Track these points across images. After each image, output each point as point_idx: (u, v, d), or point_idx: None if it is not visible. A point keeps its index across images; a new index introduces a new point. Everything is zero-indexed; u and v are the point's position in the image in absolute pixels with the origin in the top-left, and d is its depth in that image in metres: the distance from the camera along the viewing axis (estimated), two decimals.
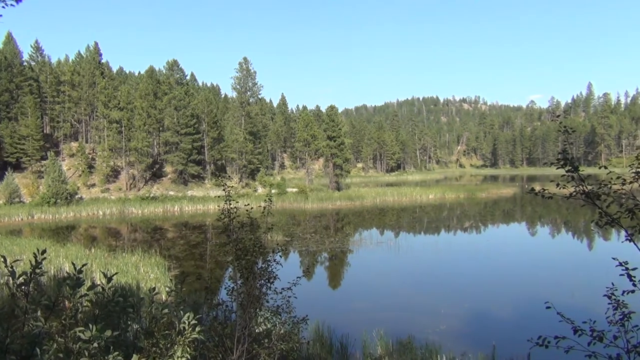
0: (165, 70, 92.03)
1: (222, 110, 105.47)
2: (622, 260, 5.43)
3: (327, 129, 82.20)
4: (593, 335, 5.29)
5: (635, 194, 5.52)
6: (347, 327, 15.78)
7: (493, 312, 19.22)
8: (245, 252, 7.84)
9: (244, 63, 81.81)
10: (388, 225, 48.30)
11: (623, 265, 5.38)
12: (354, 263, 30.17)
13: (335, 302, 21.98)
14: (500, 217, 55.54)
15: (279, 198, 63.79)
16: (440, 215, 56.00)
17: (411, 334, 14.91)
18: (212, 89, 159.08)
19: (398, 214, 57.28)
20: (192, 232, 43.77)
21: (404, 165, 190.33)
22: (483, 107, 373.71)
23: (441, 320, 17.76)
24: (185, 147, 76.05)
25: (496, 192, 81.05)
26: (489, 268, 28.10)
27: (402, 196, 71.01)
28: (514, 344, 13.71)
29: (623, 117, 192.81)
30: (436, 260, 30.70)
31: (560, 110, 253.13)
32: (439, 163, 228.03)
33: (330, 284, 25.92)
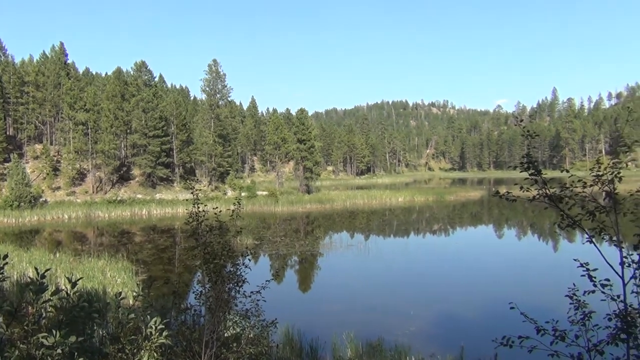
0: (133, 71, 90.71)
1: (191, 113, 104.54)
2: (584, 262, 5.57)
3: (298, 132, 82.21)
4: (555, 334, 5.41)
5: (597, 197, 5.67)
6: (317, 330, 15.77)
7: (461, 313, 19.46)
8: (214, 256, 7.79)
9: (214, 65, 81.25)
10: (358, 228, 48.52)
11: (584, 267, 5.52)
12: (324, 266, 30.20)
13: (306, 305, 21.96)
14: (468, 220, 56.33)
15: (249, 201, 63.45)
16: (409, 218, 56.51)
17: (381, 336, 14.99)
18: (181, 91, 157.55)
19: (368, 216, 57.59)
20: (161, 235, 43.21)
21: (374, 168, 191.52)
22: (451, 111, 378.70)
23: (410, 322, 17.90)
24: (154, 149, 75.07)
25: (464, 195, 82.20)
26: (458, 270, 28.46)
27: (372, 199, 71.41)
28: (482, 345, 13.89)
29: (586, 121, 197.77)
30: (406, 262, 30.96)
31: (526, 114, 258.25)
32: (408, 166, 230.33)
33: (300, 287, 25.89)
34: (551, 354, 5.25)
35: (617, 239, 5.28)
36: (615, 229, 5.31)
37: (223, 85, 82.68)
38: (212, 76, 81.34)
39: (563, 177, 5.84)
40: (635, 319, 5.12)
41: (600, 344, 5.25)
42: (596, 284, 5.39)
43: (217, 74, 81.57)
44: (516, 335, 5.45)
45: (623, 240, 5.36)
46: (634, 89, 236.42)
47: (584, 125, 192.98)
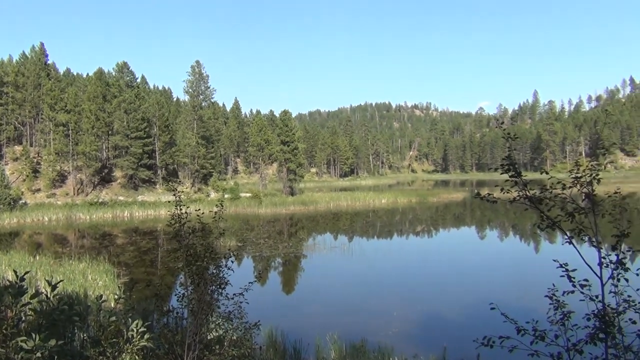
0: (115, 72, 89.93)
1: (174, 114, 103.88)
2: (563, 262, 5.65)
3: (281, 134, 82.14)
4: (535, 334, 5.48)
5: (576, 199, 5.75)
6: (301, 332, 15.76)
7: (444, 314, 19.59)
8: (196, 258, 7.75)
9: (197, 66, 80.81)
10: (342, 229, 48.59)
11: (563, 267, 5.60)
12: (308, 268, 30.19)
13: (289, 307, 21.94)
14: (450, 221, 56.72)
15: (232, 203, 63.21)
16: (392, 220, 56.73)
17: (364, 337, 15.01)
18: (163, 92, 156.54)
19: (351, 218, 57.70)
20: (143, 238, 42.85)
21: (357, 170, 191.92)
22: (434, 113, 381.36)
23: (394, 323, 17.97)
24: (136, 151, 74.41)
25: (447, 196, 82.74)
26: (441, 271, 28.65)
27: (355, 201, 71.55)
28: (464, 345, 13.98)
29: (567, 124, 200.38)
30: (389, 263, 31.06)
31: (507, 117, 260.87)
32: (391, 168, 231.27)
33: (284, 289, 25.85)
34: (531, 353, 5.32)
35: (595, 240, 5.36)
36: (593, 230, 5.40)
37: (206, 86, 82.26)
38: (195, 77, 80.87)
39: (543, 179, 5.91)
40: (613, 319, 5.21)
41: (579, 343, 5.32)
42: (575, 285, 5.47)
43: (200, 75, 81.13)
44: (497, 336, 5.50)
45: (602, 241, 5.45)
46: (613, 92, 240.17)
47: (565, 127, 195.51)
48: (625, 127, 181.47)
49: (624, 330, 5.26)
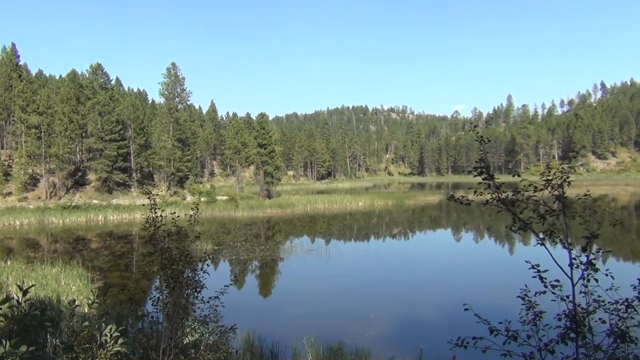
0: (89, 74, 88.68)
1: (149, 117, 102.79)
2: (535, 263, 5.75)
3: (258, 137, 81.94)
4: (508, 335, 5.56)
5: (549, 201, 5.86)
6: (278, 335, 15.72)
7: (421, 316, 19.73)
8: (172, 262, 7.69)
9: (172, 69, 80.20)
10: (319, 232, 48.61)
11: (535, 268, 5.70)
12: (285, 271, 30.14)
13: (266, 310, 21.86)
14: (427, 224, 57.16)
15: (208, 206, 62.74)
16: (369, 222, 56.96)
17: (341, 340, 15.03)
18: (138, 94, 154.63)
19: (329, 221, 57.76)
20: (118, 242, 42.28)
21: (335, 173, 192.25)
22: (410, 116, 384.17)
23: (371, 326, 18.02)
24: (110, 154, 73.46)
25: (423, 199, 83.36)
26: (417, 273, 28.85)
27: (332, 204, 71.65)
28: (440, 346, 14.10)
29: (540, 127, 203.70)
30: (366, 266, 31.17)
31: (482, 120, 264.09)
32: (368, 171, 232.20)
33: (261, 292, 25.75)
34: (504, 353, 5.40)
35: (566, 241, 5.48)
36: (564, 231, 5.51)
37: (182, 89, 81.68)
38: (171, 80, 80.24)
39: (517, 182, 6.02)
40: (583, 319, 5.31)
41: (550, 343, 5.42)
42: (547, 285, 5.57)
43: (175, 77, 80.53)
44: (471, 336, 5.57)
45: (572, 243, 5.56)
46: (585, 96, 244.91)
47: (538, 131, 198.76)
48: (597, 130, 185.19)
49: (594, 329, 5.37)
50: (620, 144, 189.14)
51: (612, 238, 37.49)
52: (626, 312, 5.35)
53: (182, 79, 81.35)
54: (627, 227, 44.87)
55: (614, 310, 5.43)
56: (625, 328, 5.25)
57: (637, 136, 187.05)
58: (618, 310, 5.40)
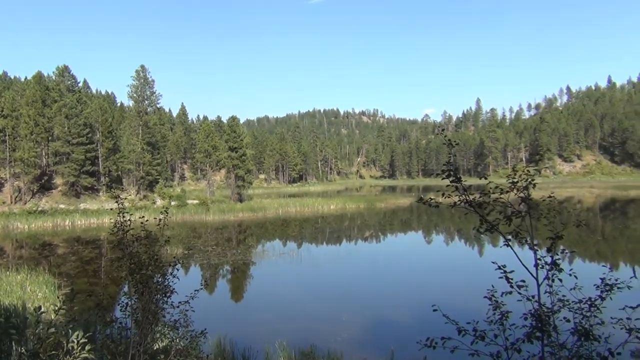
0: (55, 76, 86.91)
1: (118, 120, 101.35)
2: (502, 264, 5.86)
3: (229, 140, 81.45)
4: (476, 334, 5.66)
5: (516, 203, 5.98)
6: (250, 339, 15.65)
7: (392, 318, 19.85)
8: (140, 267, 7.60)
9: (141, 71, 79.16)
10: (290, 236, 48.54)
11: (501, 269, 5.81)
12: (257, 275, 30.01)
13: (238, 314, 21.73)
14: (398, 226, 57.59)
15: (179, 210, 62.10)
16: (341, 226, 57.10)
17: (313, 343, 15.03)
18: (107, 97, 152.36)
19: (300, 224, 57.74)
20: (85, 247, 41.50)
21: (306, 176, 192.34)
22: (381, 120, 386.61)
23: (343, 328, 18.07)
24: (78, 157, 72.10)
25: (394, 202, 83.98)
26: (388, 275, 29.02)
27: (304, 207, 71.65)
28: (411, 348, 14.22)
29: (508, 131, 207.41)
30: (338, 269, 31.25)
31: (452, 124, 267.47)
32: (339, 174, 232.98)
33: (232, 296, 25.59)
34: (472, 353, 5.48)
35: (531, 242, 5.60)
36: (529, 232, 5.63)
37: (151, 91, 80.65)
38: (140, 82, 79.18)
39: (485, 184, 6.13)
40: (548, 318, 5.44)
41: (517, 342, 5.53)
42: (513, 285, 5.68)
43: (145, 80, 79.50)
44: (440, 337, 5.65)
45: (538, 244, 5.69)
46: (551, 100, 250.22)
47: (506, 134, 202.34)
48: (563, 134, 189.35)
49: (558, 328, 5.50)
50: (585, 147, 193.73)
51: (577, 239, 38.35)
52: (589, 311, 5.49)
53: (151, 81, 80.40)
54: (592, 229, 45.96)
55: (577, 309, 5.57)
56: (588, 326, 5.38)
57: (601, 139, 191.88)
58: (582, 309, 5.53)
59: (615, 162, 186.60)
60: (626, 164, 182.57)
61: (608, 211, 67.78)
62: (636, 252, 34.30)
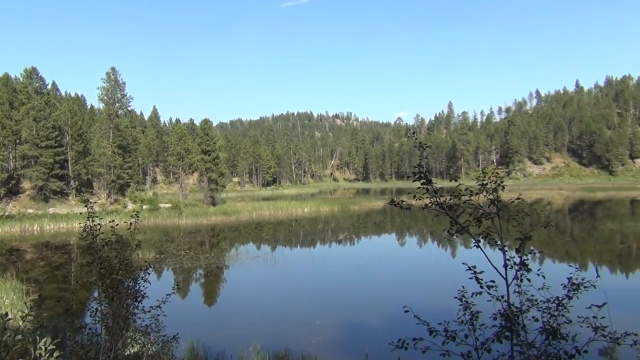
0: (23, 78, 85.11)
1: (88, 123, 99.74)
2: (472, 265, 5.94)
3: (202, 143, 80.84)
4: (447, 335, 5.73)
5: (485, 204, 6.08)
6: (224, 344, 15.54)
7: (366, 320, 19.92)
8: (111, 271, 7.49)
9: (112, 73, 78.17)
10: (264, 239, 48.37)
11: (472, 270, 5.90)
12: (230, 278, 29.82)
13: (211, 319, 21.56)
14: (371, 229, 57.85)
15: (151, 214, 61.33)
16: (315, 228, 57.13)
17: (287, 346, 15.00)
18: (76, 99, 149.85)
19: (274, 227, 57.58)
20: (55, 252, 40.68)
21: (280, 179, 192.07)
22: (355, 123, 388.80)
23: (317, 331, 18.06)
24: (46, 161, 70.69)
25: (368, 204, 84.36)
26: (362, 278, 29.12)
27: (278, 210, 71.46)
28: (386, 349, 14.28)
29: (479, 134, 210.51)
30: (312, 272, 31.23)
31: (424, 127, 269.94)
32: (313, 177, 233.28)
33: (206, 301, 25.37)
34: (443, 353, 5.55)
35: (501, 243, 5.70)
36: (499, 233, 5.73)
37: (122, 94, 79.71)
38: (111, 84, 78.18)
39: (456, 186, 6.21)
40: (517, 317, 5.54)
41: (487, 342, 5.61)
42: (482, 286, 5.77)
43: (116, 82, 78.52)
44: (411, 338, 5.71)
45: (507, 245, 5.79)
46: (521, 104, 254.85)
47: (477, 137, 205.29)
48: (533, 137, 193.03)
49: (527, 327, 5.60)
50: (554, 150, 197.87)
51: (548, 240, 39.09)
52: (557, 310, 5.61)
53: (122, 83, 79.46)
54: (561, 230, 46.87)
55: (546, 308, 5.68)
56: (556, 325, 5.50)
57: (569, 142, 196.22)
58: (550, 309, 5.65)
59: (583, 164, 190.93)
60: (594, 167, 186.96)
61: (576, 212, 69.25)
62: (603, 253, 35.10)
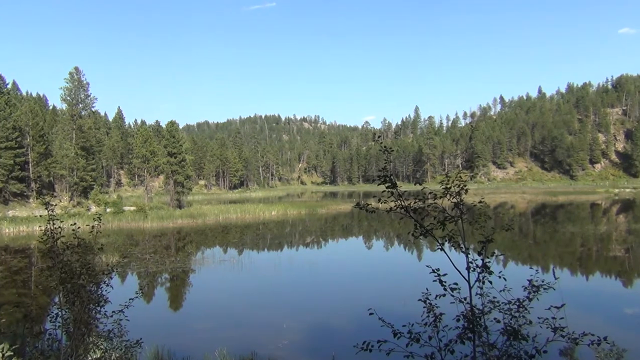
0: None
1: (50, 123, 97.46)
2: (436, 267, 6.04)
3: (168, 145, 79.81)
4: (411, 337, 5.80)
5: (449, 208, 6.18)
6: (189, 348, 15.38)
7: (333, 323, 19.94)
8: (72, 275, 7.33)
9: (75, 73, 76.55)
10: (231, 242, 48.02)
11: (435, 272, 5.99)
12: (196, 282, 29.50)
13: (177, 323, 21.27)
14: (339, 232, 58.02)
15: (115, 217, 60.22)
16: (283, 232, 56.99)
17: (254, 350, 14.93)
18: (38, 99, 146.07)
19: (241, 231, 57.22)
20: (14, 256, 39.56)
21: (247, 182, 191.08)
22: (322, 126, 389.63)
23: (284, 335, 18.00)
24: (6, 162, 68.81)
25: (335, 208, 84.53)
26: (329, 281, 29.19)
27: (245, 213, 71.04)
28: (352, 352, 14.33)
29: (445, 138, 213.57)
30: (279, 275, 31.13)
31: (391, 131, 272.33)
32: (281, 180, 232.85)
33: (171, 305, 25.03)
34: (407, 355, 5.61)
35: (464, 246, 5.80)
36: (461, 236, 5.84)
37: (86, 94, 78.12)
38: (74, 85, 76.54)
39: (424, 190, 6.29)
40: (479, 319, 5.64)
41: (450, 343, 5.71)
42: (446, 288, 5.87)
43: (79, 82, 76.92)
44: (376, 340, 5.75)
45: (470, 247, 5.90)
46: (486, 109, 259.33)
47: (443, 141, 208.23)
48: (497, 142, 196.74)
49: (489, 329, 5.72)
50: (517, 155, 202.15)
51: (511, 244, 39.88)
52: (518, 311, 5.74)
53: (86, 84, 77.89)
54: (524, 233, 47.87)
55: (507, 310, 5.81)
56: (517, 326, 5.63)
57: (532, 147, 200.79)
58: (511, 310, 5.78)
59: (545, 169, 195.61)
60: (555, 171, 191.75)
61: (539, 216, 70.80)
62: (564, 255, 35.98)
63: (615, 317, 19.17)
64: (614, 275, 28.49)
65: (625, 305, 21.54)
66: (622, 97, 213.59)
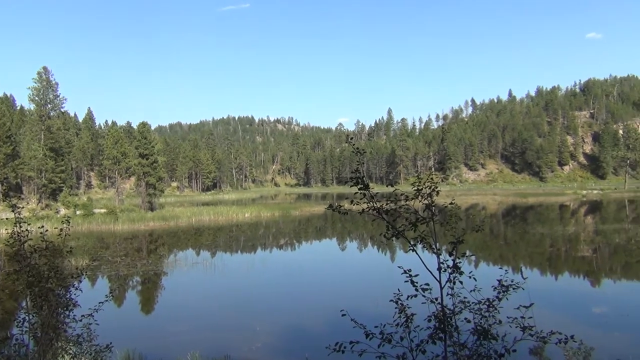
0: None
1: (17, 124, 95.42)
2: (407, 268, 6.09)
3: (139, 147, 78.81)
4: (383, 337, 5.85)
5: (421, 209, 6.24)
6: (161, 352, 15.22)
7: (307, 326, 19.93)
8: (40, 279, 7.19)
9: (44, 73, 75.11)
10: (204, 245, 47.64)
11: (407, 273, 6.04)
12: (168, 285, 29.18)
13: (148, 327, 21.02)
14: (312, 234, 58.05)
15: (85, 220, 59.19)
16: (256, 234, 56.78)
17: (227, 353, 14.84)
18: (5, 99, 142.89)
19: (214, 233, 56.82)
20: None
21: (220, 184, 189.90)
22: (296, 128, 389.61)
23: (257, 338, 17.93)
24: None
25: (309, 209, 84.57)
26: (302, 283, 29.18)
27: (218, 215, 70.59)
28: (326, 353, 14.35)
29: (418, 140, 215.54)
30: (252, 278, 31.00)
31: (365, 132, 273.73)
32: (254, 182, 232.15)
33: (143, 309, 24.71)
34: (379, 355, 5.65)
35: (435, 247, 5.87)
36: (433, 237, 5.91)
37: (55, 94, 76.72)
38: (42, 85, 75.09)
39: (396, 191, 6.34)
40: (450, 319, 5.72)
41: (421, 343, 5.77)
42: (417, 289, 5.92)
43: (47, 82, 75.48)
44: (348, 341, 5.78)
45: (447, 248, 5.97)
46: (457, 111, 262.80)
47: (416, 143, 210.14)
48: (468, 144, 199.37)
49: (460, 329, 5.79)
50: (489, 157, 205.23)
51: (483, 245, 40.43)
52: (488, 311, 5.83)
53: (55, 84, 76.48)
54: (495, 234, 48.58)
55: (477, 310, 5.89)
56: (487, 326, 5.71)
57: (503, 149, 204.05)
58: (481, 310, 5.87)
59: (515, 170, 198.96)
60: (525, 173, 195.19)
61: (509, 217, 71.95)
62: (534, 256, 36.61)
63: (583, 316, 19.59)
64: (581, 275, 29.09)
65: (593, 305, 22.02)
66: (589, 101, 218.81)
